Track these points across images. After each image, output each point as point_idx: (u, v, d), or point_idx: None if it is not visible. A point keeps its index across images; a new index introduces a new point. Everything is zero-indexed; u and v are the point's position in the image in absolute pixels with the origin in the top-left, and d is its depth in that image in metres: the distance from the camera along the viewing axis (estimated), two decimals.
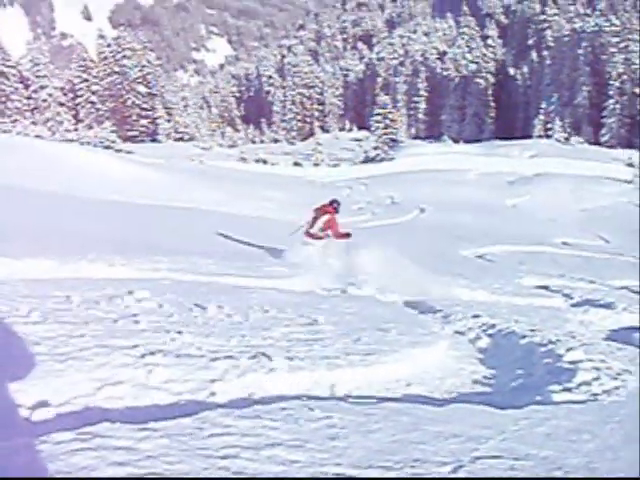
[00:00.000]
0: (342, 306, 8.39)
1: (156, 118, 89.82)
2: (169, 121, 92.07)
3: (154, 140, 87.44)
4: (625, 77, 74.08)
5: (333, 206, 14.53)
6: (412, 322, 7.94)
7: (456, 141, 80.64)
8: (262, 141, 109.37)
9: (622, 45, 75.45)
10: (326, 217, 14.22)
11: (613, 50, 76.86)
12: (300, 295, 9.15)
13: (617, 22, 79.48)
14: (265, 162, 73.26)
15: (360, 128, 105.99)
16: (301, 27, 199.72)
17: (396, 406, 4.80)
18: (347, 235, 14.44)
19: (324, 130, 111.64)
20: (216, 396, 4.87)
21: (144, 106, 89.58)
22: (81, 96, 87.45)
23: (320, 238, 14.18)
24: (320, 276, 11.24)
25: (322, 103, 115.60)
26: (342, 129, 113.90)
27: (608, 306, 11.48)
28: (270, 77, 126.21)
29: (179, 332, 5.95)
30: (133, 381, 4.82)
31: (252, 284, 9.60)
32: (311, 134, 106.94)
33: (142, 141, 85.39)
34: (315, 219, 14.39)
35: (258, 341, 6.06)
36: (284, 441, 3.89)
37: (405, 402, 5.08)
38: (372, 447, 3.94)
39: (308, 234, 14.34)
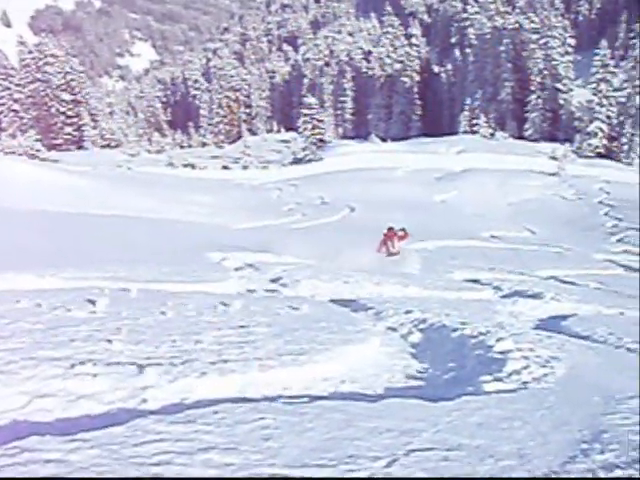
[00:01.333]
0: (274, 307, 8.38)
1: (81, 125, 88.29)
2: (95, 128, 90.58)
3: (80, 148, 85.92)
4: (546, 72, 75.51)
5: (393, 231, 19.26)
6: (344, 320, 7.97)
7: (384, 139, 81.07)
8: (190, 145, 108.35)
9: (542, 42, 76.88)
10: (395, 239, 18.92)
11: (533, 46, 78.25)
12: (232, 298, 9.11)
13: (536, 19, 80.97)
14: (193, 166, 72.57)
15: (288, 129, 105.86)
16: (226, 30, 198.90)
17: (329, 404, 4.82)
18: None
19: (252, 132, 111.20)
20: (148, 403, 4.83)
21: (69, 113, 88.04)
22: (3, 105, 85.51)
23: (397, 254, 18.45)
24: (252, 279, 11.22)
25: (249, 106, 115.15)
26: (270, 131, 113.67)
27: (536, 296, 11.74)
28: (196, 81, 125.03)
29: (109, 341, 5.87)
30: (63, 392, 4.74)
31: (184, 289, 9.52)
32: (239, 137, 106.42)
33: (68, 149, 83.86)
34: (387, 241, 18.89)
35: (190, 346, 6.02)
36: (218, 444, 3.88)
37: (338, 399, 5.10)
38: (306, 446, 3.95)
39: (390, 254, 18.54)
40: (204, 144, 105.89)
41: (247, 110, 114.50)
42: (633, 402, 5.28)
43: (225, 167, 73.09)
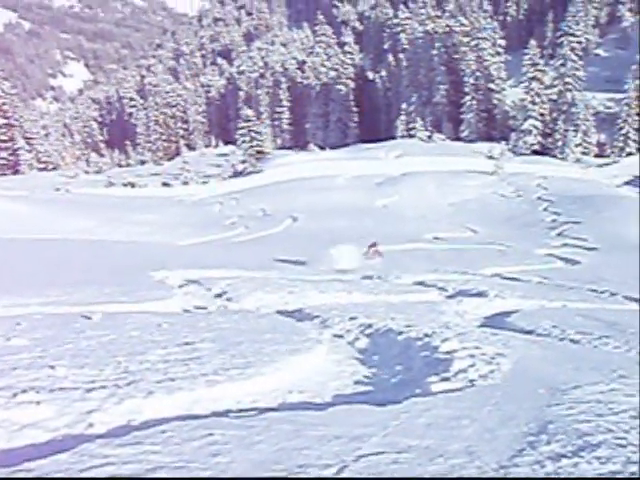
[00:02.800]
0: (219, 322, 8.32)
1: (17, 149, 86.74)
2: (30, 151, 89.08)
3: (16, 172, 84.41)
4: (478, 74, 76.56)
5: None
6: (290, 331, 7.96)
7: (322, 148, 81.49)
8: (129, 164, 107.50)
9: (473, 44, 77.97)
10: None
11: (465, 49, 79.34)
12: (176, 316, 9.03)
13: (466, 22, 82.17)
14: (133, 185, 71.93)
15: (226, 143, 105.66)
16: (159, 46, 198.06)
17: (277, 415, 4.81)
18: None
19: (190, 148, 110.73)
20: (94, 427, 4.75)
21: (3, 137, 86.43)
22: None
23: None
24: (197, 295, 11.14)
25: (186, 121, 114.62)
26: (208, 145, 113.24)
27: (481, 294, 11.88)
28: (131, 99, 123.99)
29: (52, 367, 5.77)
30: (7, 422, 4.64)
31: (127, 309, 9.39)
32: (177, 153, 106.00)
33: (3, 174, 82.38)
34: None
35: (135, 366, 5.94)
36: (167, 464, 3.83)
37: (286, 410, 5.09)
38: (255, 459, 3.93)
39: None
40: (143, 162, 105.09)
41: (184, 126, 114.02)
42: (577, 392, 5.38)
43: (165, 184, 72.60)
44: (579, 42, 75.22)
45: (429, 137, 76.27)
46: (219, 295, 11.20)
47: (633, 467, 3.93)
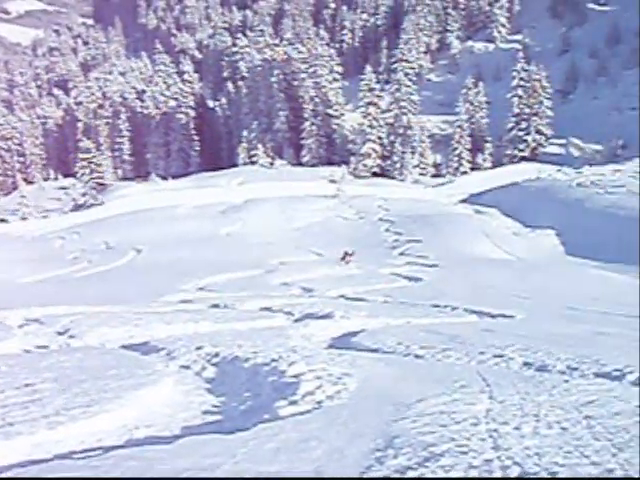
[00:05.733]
0: (61, 361, 8.02)
1: None
2: None
3: None
4: (317, 100, 77.86)
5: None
6: (134, 365, 7.76)
7: (164, 178, 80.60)
8: None
9: (311, 70, 79.32)
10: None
11: (303, 76, 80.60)
12: (15, 357, 8.66)
13: (304, 49, 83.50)
14: None
15: (66, 176, 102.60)
16: None
17: (124, 452, 4.68)
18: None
19: (28, 182, 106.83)
20: None
21: None
22: None
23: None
24: (38, 334, 10.72)
25: (22, 154, 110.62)
26: (47, 179, 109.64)
27: (327, 316, 12.00)
28: None
29: None
30: None
31: None
32: (14, 187, 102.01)
33: None
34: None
35: None
36: None
37: (133, 447, 4.96)
38: None
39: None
40: None
41: (21, 159, 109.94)
42: (421, 405, 5.52)
43: (2, 220, 69.74)
44: (412, 68, 78.21)
45: (271, 163, 76.82)
46: (61, 333, 10.81)
47: (474, 472, 4.05)
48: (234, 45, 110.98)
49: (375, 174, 71.55)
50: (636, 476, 4.01)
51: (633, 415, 5.19)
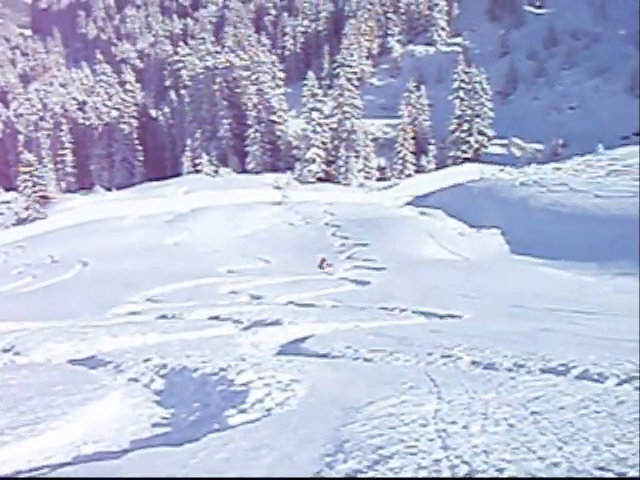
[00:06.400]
0: (5, 379, 7.87)
1: None
2: None
3: None
4: (260, 107, 77.87)
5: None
6: (81, 380, 7.65)
7: (109, 189, 79.83)
8: None
9: (253, 77, 79.28)
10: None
11: (246, 83, 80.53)
12: None
13: (246, 57, 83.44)
14: None
15: (7, 190, 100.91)
16: None
17: (71, 469, 4.63)
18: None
19: None
20: None
21: None
22: None
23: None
24: None
25: None
26: None
27: (275, 323, 11.98)
28: None
29: None
30: None
31: None
32: None
33: None
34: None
35: None
36: None
37: (79, 463, 4.90)
38: None
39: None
40: None
41: None
42: (371, 408, 5.53)
43: None
44: (354, 72, 78.61)
45: (215, 171, 76.60)
46: (6, 350, 10.60)
47: (423, 472, 4.09)
48: (176, 53, 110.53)
49: (320, 179, 71.78)
50: (579, 468, 4.08)
51: (577, 409, 5.28)
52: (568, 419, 5.00)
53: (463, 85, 72.87)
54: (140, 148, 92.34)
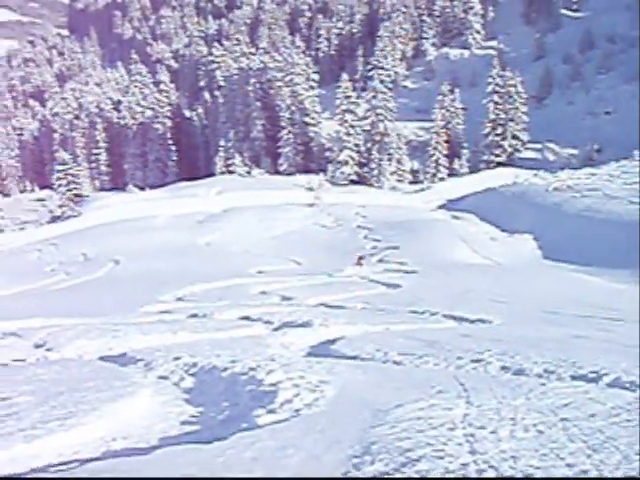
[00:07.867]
0: (38, 374, 7.95)
1: None
2: None
3: None
4: (294, 108, 77.85)
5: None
6: (112, 376, 7.71)
7: (142, 188, 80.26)
8: None
9: (287, 79, 79.32)
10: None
11: (279, 84, 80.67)
12: None
13: (280, 58, 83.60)
14: None
15: (42, 187, 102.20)
16: None
17: (100, 465, 4.66)
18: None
19: (4, 194, 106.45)
20: None
21: None
22: None
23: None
24: (15, 347, 10.64)
25: None
26: (23, 191, 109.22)
27: (306, 324, 11.98)
28: None
29: None
30: None
31: None
32: None
33: None
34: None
35: None
36: None
37: (110, 458, 4.94)
38: None
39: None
40: None
41: None
42: (399, 411, 5.53)
43: None
44: (388, 75, 78.50)
45: (248, 172, 76.72)
46: (39, 346, 10.73)
47: (450, 476, 4.08)
48: (210, 54, 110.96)
49: (352, 181, 71.68)
50: (609, 477, 4.05)
51: (608, 417, 5.24)
52: (598, 427, 4.96)
53: (497, 89, 72.39)
54: (174, 148, 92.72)
